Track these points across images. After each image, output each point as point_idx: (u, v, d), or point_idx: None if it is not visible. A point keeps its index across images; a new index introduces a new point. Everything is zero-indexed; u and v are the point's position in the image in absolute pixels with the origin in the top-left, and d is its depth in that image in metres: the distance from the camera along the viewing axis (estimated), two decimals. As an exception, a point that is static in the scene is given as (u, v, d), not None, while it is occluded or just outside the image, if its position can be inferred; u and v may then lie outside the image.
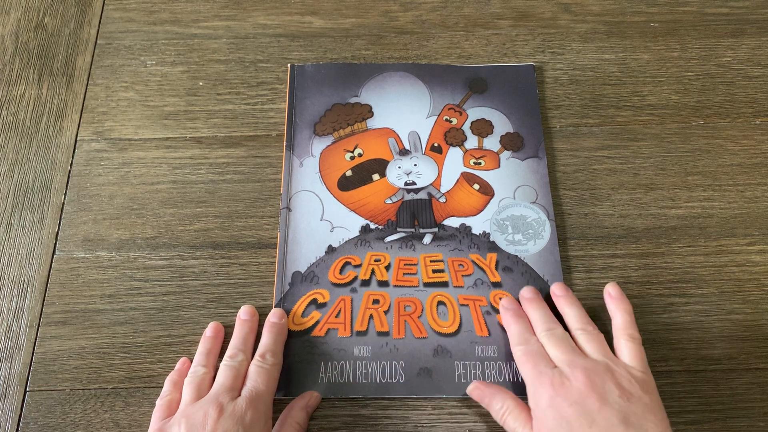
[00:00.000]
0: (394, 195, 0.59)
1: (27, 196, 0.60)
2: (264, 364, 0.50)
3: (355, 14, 0.69)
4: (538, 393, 0.46)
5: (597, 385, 0.44)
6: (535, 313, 0.51)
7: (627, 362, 0.47)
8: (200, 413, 0.45)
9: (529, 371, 0.47)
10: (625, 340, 0.48)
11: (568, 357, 0.47)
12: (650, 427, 0.42)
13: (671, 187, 0.59)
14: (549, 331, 0.49)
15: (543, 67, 0.66)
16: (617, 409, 0.43)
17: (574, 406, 0.43)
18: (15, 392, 0.52)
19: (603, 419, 0.42)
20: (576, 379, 0.45)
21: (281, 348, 0.52)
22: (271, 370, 0.49)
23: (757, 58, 0.66)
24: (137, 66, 0.66)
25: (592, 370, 0.45)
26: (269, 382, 0.49)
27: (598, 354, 0.47)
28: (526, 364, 0.48)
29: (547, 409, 0.44)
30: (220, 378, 0.49)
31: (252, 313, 0.54)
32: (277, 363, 0.51)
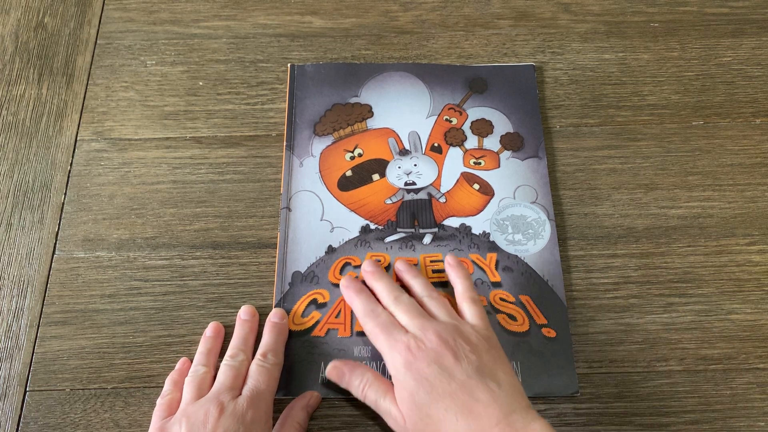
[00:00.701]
0: (394, 195, 0.59)
1: (27, 196, 0.60)
2: (265, 363, 0.50)
3: (355, 14, 0.69)
4: (395, 359, 0.47)
5: (450, 344, 0.46)
6: (378, 284, 0.52)
7: (471, 322, 0.50)
8: (201, 412, 0.45)
9: (384, 341, 0.48)
10: (467, 303, 0.51)
11: (418, 321, 0.48)
12: (501, 376, 0.45)
13: (671, 187, 0.59)
14: (396, 299, 0.51)
15: (543, 67, 0.66)
16: (469, 362, 0.45)
17: (432, 365, 0.45)
18: (15, 392, 0.52)
19: (460, 373, 0.45)
20: (430, 340, 0.46)
21: (282, 348, 0.52)
22: (271, 370, 0.49)
23: (757, 58, 0.66)
24: (137, 66, 0.66)
25: (443, 330, 0.47)
26: (270, 381, 0.49)
27: (445, 316, 0.49)
28: (379, 336, 0.48)
29: (407, 373, 0.46)
30: (220, 377, 0.49)
31: (252, 314, 0.54)
32: (278, 362, 0.51)
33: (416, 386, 0.45)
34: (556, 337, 0.52)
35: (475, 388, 0.44)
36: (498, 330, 0.53)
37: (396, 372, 0.46)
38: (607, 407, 0.51)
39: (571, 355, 0.52)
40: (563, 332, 0.53)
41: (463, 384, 0.44)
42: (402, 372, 0.46)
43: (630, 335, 0.53)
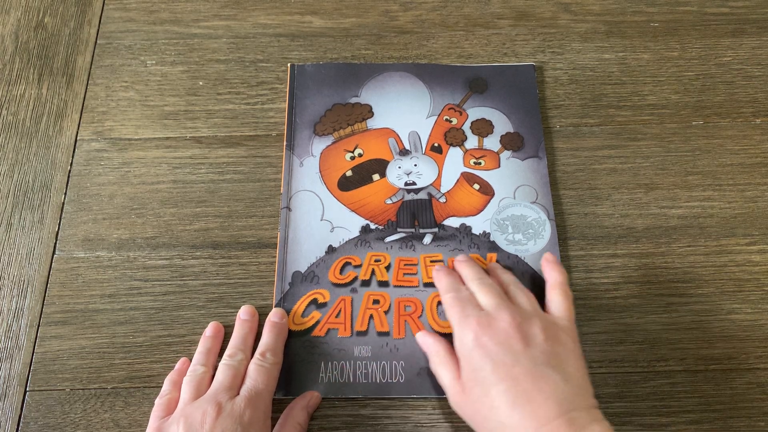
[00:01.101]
0: (394, 195, 0.59)
1: (27, 196, 0.60)
2: (264, 363, 0.49)
3: (355, 14, 0.69)
4: (464, 333, 0.46)
5: (522, 328, 0.45)
6: (466, 269, 0.52)
7: (555, 313, 0.49)
8: (199, 412, 0.45)
9: (456, 314, 0.48)
10: (557, 293, 0.50)
11: (496, 301, 0.48)
12: (571, 371, 0.44)
13: (671, 187, 0.59)
14: (480, 280, 0.50)
15: (543, 67, 0.66)
16: (540, 350, 0.44)
17: (500, 345, 0.45)
18: (15, 392, 0.52)
19: (527, 359, 0.44)
20: (503, 320, 0.46)
21: (281, 347, 0.52)
22: (270, 369, 0.49)
23: (757, 58, 0.66)
24: (137, 66, 0.66)
25: (518, 313, 0.47)
26: (269, 381, 0.49)
27: (526, 304, 0.49)
28: (453, 308, 0.48)
29: (473, 349, 0.45)
30: (219, 377, 0.49)
31: (252, 313, 0.54)
32: (277, 362, 0.50)
33: (481, 363, 0.44)
34: (556, 337, 0.52)
35: (539, 378, 0.43)
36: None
37: (462, 346, 0.46)
38: (607, 407, 0.51)
39: (571, 355, 0.52)
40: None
41: (528, 371, 0.43)
42: (469, 347, 0.45)
43: (630, 335, 0.53)
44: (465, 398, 0.45)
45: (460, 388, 0.46)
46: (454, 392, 0.46)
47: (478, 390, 0.44)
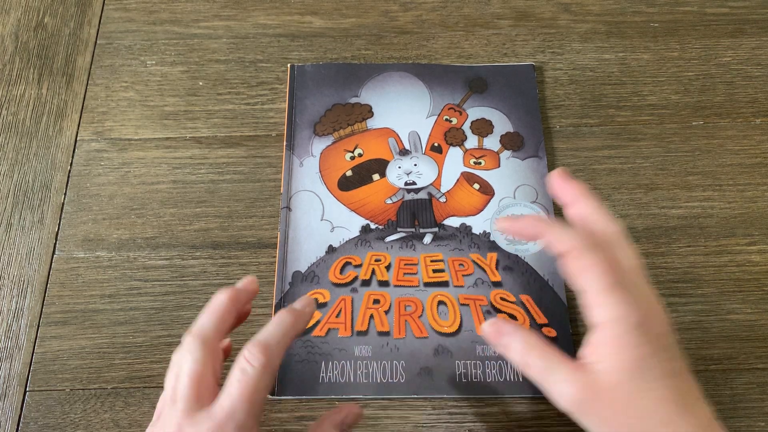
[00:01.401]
0: (394, 195, 0.59)
1: (27, 196, 0.60)
2: (248, 365, 0.37)
3: (355, 14, 0.69)
4: (623, 307, 0.36)
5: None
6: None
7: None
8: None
9: (609, 279, 0.37)
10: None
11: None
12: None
13: (671, 187, 0.59)
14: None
15: (543, 67, 0.66)
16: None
17: (664, 331, 0.37)
18: (15, 392, 0.52)
19: (681, 358, 0.38)
20: (663, 314, 0.38)
21: (284, 346, 0.39)
22: (256, 377, 0.36)
23: (757, 58, 0.66)
24: (137, 66, 0.66)
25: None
26: (252, 395, 0.36)
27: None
28: (603, 271, 0.37)
29: (637, 328, 0.36)
30: (180, 386, 0.37)
31: (249, 289, 0.42)
32: (269, 364, 0.37)
33: (647, 350, 0.35)
34: (557, 337, 0.52)
35: (691, 380, 0.37)
36: (498, 330, 0.53)
37: (616, 324, 0.36)
38: (608, 407, 0.51)
39: (572, 354, 0.52)
40: (564, 332, 0.53)
41: (683, 370, 0.37)
42: (632, 325, 0.36)
43: (630, 335, 0.53)
44: (606, 394, 0.35)
45: (592, 380, 0.36)
46: (582, 387, 0.36)
47: (634, 385, 0.35)
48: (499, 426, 0.50)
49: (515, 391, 0.51)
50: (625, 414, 0.35)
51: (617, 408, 0.35)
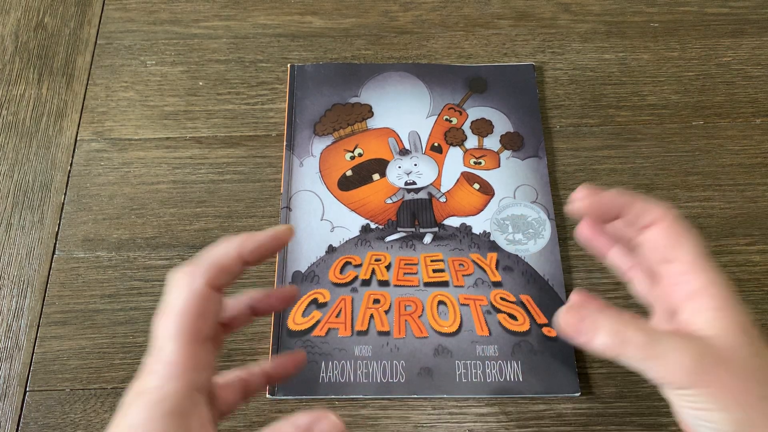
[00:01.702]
0: (394, 195, 0.59)
1: (27, 196, 0.60)
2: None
3: (355, 14, 0.69)
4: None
5: None
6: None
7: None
8: None
9: (702, 246, 0.35)
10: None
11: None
12: None
13: (671, 187, 0.59)
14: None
15: (543, 67, 0.66)
16: None
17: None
18: (15, 392, 0.52)
19: None
20: None
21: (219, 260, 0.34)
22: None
23: (757, 58, 0.66)
24: (137, 66, 0.66)
25: None
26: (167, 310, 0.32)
27: None
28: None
29: (735, 295, 0.34)
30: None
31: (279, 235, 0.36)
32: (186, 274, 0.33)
33: (746, 319, 0.33)
34: (557, 337, 0.52)
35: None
36: (498, 330, 0.53)
37: (723, 290, 0.34)
38: (607, 407, 0.51)
39: (572, 355, 0.52)
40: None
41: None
42: (733, 295, 0.34)
43: (630, 335, 0.53)
44: (727, 359, 0.32)
45: (707, 346, 0.32)
46: (699, 354, 0.32)
47: (753, 348, 0.32)
48: (499, 426, 0.50)
49: (515, 391, 0.51)
50: (748, 378, 0.32)
51: (739, 373, 0.32)
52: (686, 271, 0.34)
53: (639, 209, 0.36)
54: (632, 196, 0.36)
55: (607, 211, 0.37)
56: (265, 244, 0.36)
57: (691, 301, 0.34)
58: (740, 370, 0.32)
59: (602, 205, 0.37)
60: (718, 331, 0.33)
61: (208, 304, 0.33)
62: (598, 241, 0.40)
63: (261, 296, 0.38)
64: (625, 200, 0.36)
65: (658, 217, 0.36)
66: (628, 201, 0.36)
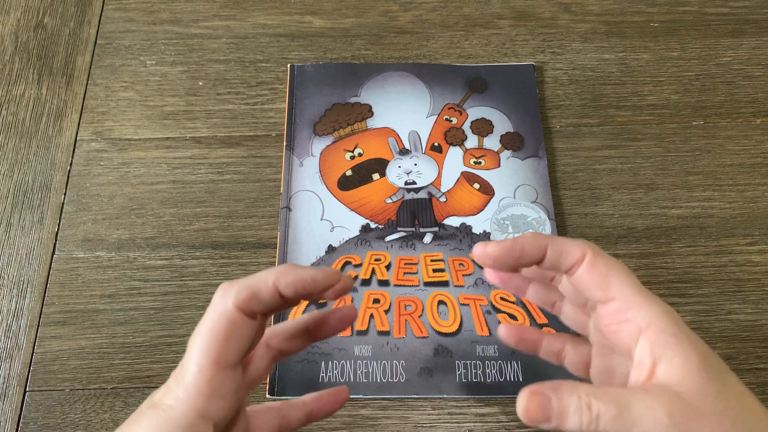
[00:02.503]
0: (394, 194, 0.59)
1: (27, 196, 0.60)
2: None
3: (355, 14, 0.69)
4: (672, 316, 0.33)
5: None
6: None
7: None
8: None
9: (635, 279, 0.35)
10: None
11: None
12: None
13: (671, 187, 0.59)
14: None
15: (543, 67, 0.66)
16: None
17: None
18: (15, 392, 0.52)
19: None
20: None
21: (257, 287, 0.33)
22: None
23: (757, 58, 0.66)
24: (137, 66, 0.66)
25: None
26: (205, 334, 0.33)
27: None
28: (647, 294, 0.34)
29: (684, 326, 0.33)
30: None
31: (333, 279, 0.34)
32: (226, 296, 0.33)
33: (703, 349, 0.32)
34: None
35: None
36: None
37: (671, 325, 0.33)
38: (608, 407, 0.51)
39: (572, 354, 0.52)
40: (564, 332, 0.53)
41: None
42: (683, 327, 0.33)
43: (630, 335, 0.53)
44: (697, 402, 0.31)
45: (675, 394, 0.31)
46: (671, 406, 0.30)
47: (717, 384, 0.31)
48: (499, 426, 0.50)
49: (515, 391, 0.51)
50: (724, 418, 0.31)
51: (712, 420, 0.31)
52: (625, 308, 0.33)
53: (558, 249, 0.34)
54: (545, 239, 0.34)
55: (522, 258, 0.34)
56: (304, 282, 0.33)
57: (641, 340, 0.33)
58: (712, 417, 0.31)
59: (512, 251, 0.34)
60: (681, 377, 0.31)
61: (235, 328, 0.32)
62: (510, 283, 0.38)
63: (318, 318, 0.37)
64: (539, 244, 0.34)
65: (578, 258, 0.34)
66: (543, 243, 0.34)
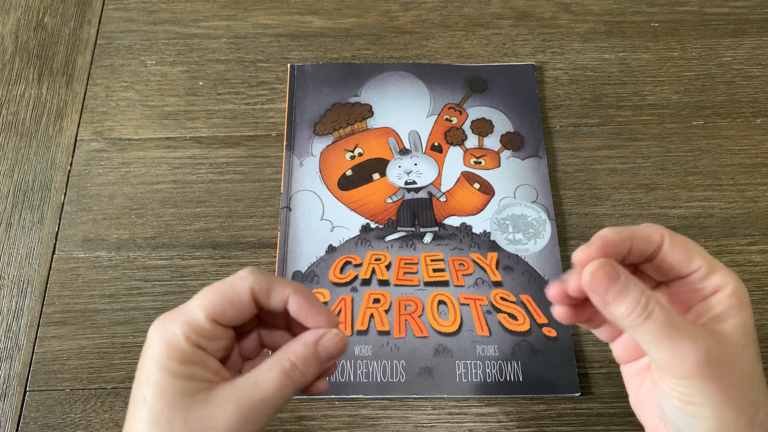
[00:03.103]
0: (394, 194, 0.59)
1: (27, 196, 0.60)
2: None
3: (355, 14, 0.69)
4: (739, 281, 0.34)
5: None
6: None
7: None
8: None
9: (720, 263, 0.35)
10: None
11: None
12: None
13: (671, 187, 0.59)
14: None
15: (543, 67, 0.66)
16: None
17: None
18: (15, 392, 0.52)
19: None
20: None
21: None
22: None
23: (757, 58, 0.66)
24: (137, 66, 0.66)
25: None
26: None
27: None
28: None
29: (748, 301, 0.34)
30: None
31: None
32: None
33: (753, 320, 0.34)
34: (557, 337, 0.52)
35: None
36: (499, 329, 0.53)
37: (739, 290, 0.34)
38: (607, 407, 0.51)
39: (572, 354, 0.52)
40: (564, 332, 0.53)
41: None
42: (745, 296, 0.34)
43: (630, 335, 0.53)
44: (733, 358, 0.32)
45: (718, 342, 0.32)
46: (710, 348, 0.32)
47: (754, 351, 0.33)
48: (499, 426, 0.50)
49: (515, 391, 0.51)
50: (744, 382, 0.32)
51: (739, 376, 0.32)
52: (706, 274, 0.34)
53: (643, 233, 0.35)
54: (626, 229, 0.35)
55: (618, 248, 0.35)
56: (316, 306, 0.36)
57: (713, 295, 0.34)
58: (740, 373, 0.32)
59: (614, 244, 0.35)
60: (730, 329, 0.33)
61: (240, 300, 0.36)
62: (579, 318, 0.39)
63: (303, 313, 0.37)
64: (623, 236, 0.35)
65: (659, 240, 0.35)
66: (627, 234, 0.35)
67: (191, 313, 0.34)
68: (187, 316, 0.34)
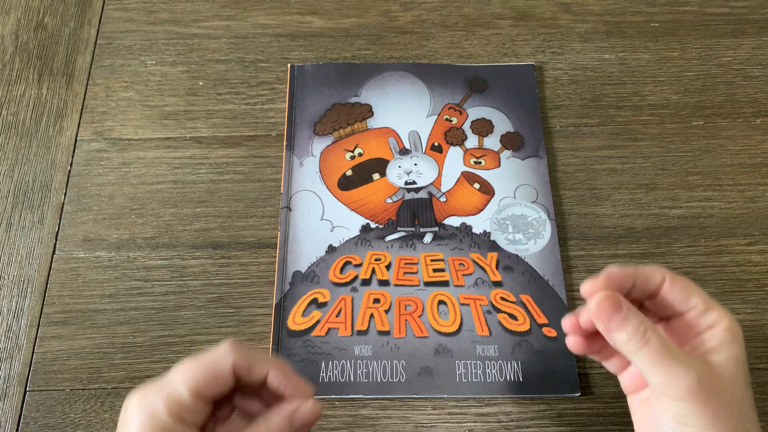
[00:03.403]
0: (394, 194, 0.59)
1: (27, 196, 0.60)
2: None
3: (355, 14, 0.69)
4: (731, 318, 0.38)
5: None
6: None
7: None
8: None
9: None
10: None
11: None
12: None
13: (671, 187, 0.59)
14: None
15: (543, 67, 0.66)
16: None
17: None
18: (15, 392, 0.52)
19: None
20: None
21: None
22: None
23: (757, 58, 0.66)
24: (137, 66, 0.66)
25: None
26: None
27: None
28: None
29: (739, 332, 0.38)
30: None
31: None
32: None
33: (745, 355, 0.37)
34: (557, 337, 0.52)
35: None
36: (499, 329, 0.53)
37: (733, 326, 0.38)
38: (607, 407, 0.51)
39: (572, 354, 0.52)
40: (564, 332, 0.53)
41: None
42: (739, 333, 0.38)
43: (630, 335, 0.53)
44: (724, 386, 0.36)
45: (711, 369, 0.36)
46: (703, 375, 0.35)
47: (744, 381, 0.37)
48: (499, 426, 0.50)
49: (515, 391, 0.51)
50: (734, 409, 0.36)
51: (730, 402, 0.36)
52: (703, 312, 0.38)
53: (644, 275, 0.39)
54: (632, 268, 0.40)
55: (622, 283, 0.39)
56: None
57: (708, 330, 0.38)
58: (730, 400, 0.36)
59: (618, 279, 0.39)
60: (723, 360, 0.37)
61: (222, 376, 0.37)
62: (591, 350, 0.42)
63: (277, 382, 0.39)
64: (627, 273, 0.39)
65: (660, 280, 0.40)
66: (629, 275, 0.39)
67: (174, 387, 0.35)
68: (171, 390, 0.35)
